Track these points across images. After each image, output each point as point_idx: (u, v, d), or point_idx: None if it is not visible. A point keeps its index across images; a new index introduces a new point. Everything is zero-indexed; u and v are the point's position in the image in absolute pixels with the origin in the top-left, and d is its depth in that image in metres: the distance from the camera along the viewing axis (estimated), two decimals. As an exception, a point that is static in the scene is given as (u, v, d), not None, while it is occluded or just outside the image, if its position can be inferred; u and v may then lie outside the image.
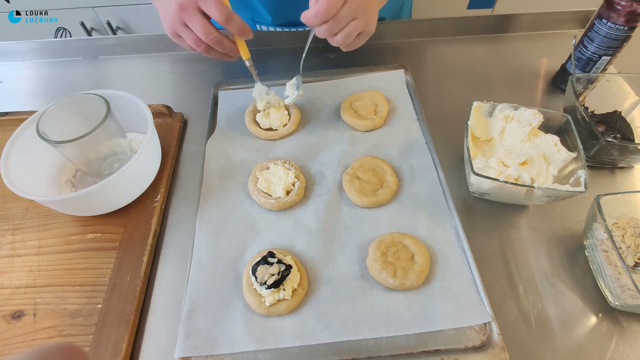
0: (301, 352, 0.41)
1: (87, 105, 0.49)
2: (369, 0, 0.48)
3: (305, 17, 0.46)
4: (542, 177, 0.49)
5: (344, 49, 0.52)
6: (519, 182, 0.47)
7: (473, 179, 0.48)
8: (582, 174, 0.46)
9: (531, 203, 0.52)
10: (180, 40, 0.52)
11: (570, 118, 0.51)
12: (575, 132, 0.50)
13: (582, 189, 0.44)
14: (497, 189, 0.48)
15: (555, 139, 0.51)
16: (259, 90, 0.60)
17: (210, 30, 0.48)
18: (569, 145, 0.51)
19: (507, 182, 0.45)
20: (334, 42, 0.49)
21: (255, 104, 0.62)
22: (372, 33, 0.52)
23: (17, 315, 0.44)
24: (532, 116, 0.52)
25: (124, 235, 0.50)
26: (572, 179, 0.48)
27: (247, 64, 0.57)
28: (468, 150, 0.49)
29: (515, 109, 0.54)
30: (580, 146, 0.48)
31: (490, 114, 0.55)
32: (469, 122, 0.52)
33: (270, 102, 0.60)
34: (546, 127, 0.53)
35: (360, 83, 0.66)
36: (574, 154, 0.49)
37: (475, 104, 0.54)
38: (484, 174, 0.47)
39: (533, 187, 0.45)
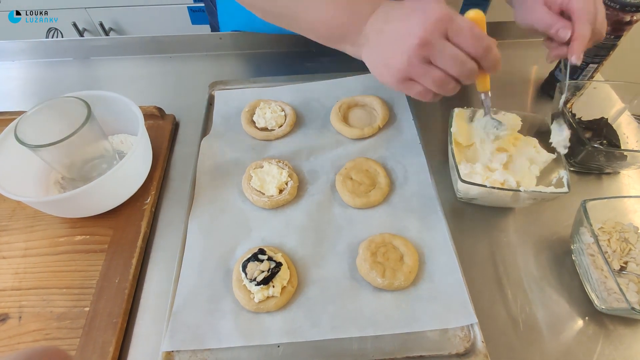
0: (285, 353, 0.41)
1: (71, 108, 0.49)
2: None
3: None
4: (527, 179, 0.49)
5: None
6: (505, 187, 0.47)
7: (460, 186, 0.48)
8: (564, 174, 0.47)
9: (517, 205, 0.52)
10: (410, 86, 0.42)
11: (547, 120, 0.52)
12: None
13: (565, 189, 0.45)
14: (485, 194, 0.48)
15: (534, 141, 0.52)
16: (486, 123, 0.52)
17: (466, 60, 0.39)
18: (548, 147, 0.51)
19: (494, 188, 0.46)
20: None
21: (252, 104, 0.62)
22: None
23: (2, 319, 0.43)
24: (511, 120, 0.53)
25: (113, 237, 0.50)
26: (554, 180, 0.49)
27: (483, 97, 0.47)
28: (453, 156, 0.49)
29: (495, 113, 0.54)
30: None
31: (471, 119, 0.56)
32: (452, 129, 0.52)
33: (500, 135, 0.51)
34: (527, 131, 0.54)
35: (357, 84, 0.66)
36: (553, 155, 0.50)
37: (457, 110, 0.54)
38: (471, 181, 0.47)
39: (519, 190, 0.45)
